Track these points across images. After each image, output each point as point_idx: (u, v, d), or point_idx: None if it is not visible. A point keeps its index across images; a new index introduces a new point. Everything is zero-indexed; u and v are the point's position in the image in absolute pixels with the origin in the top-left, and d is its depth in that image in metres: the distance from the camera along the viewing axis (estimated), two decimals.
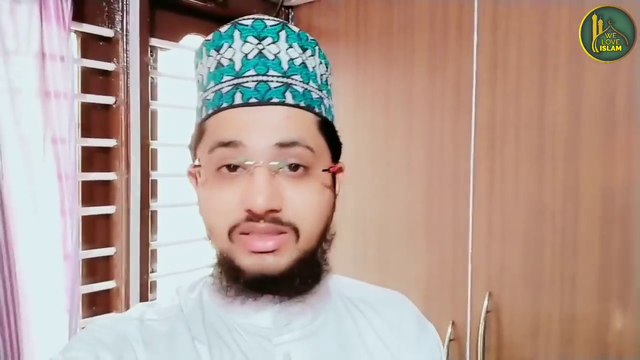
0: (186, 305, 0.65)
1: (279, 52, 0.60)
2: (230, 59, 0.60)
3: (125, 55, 1.36)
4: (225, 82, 0.59)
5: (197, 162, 0.61)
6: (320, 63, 0.64)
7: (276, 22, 0.61)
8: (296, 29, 0.62)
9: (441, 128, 1.42)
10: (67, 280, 1.21)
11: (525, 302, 1.27)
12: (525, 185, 1.27)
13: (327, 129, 0.63)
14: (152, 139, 1.45)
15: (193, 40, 1.62)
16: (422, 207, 1.46)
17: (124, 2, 1.36)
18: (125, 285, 1.38)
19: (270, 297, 0.61)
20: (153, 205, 1.46)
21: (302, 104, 0.59)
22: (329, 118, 0.64)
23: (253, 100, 0.58)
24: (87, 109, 1.36)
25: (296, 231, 0.58)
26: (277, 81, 0.59)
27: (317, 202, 0.59)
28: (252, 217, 0.56)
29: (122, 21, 1.36)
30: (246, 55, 0.59)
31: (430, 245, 1.45)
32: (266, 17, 0.61)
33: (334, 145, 0.64)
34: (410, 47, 1.48)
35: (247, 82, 0.58)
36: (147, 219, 1.42)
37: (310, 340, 0.64)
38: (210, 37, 0.62)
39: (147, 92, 1.41)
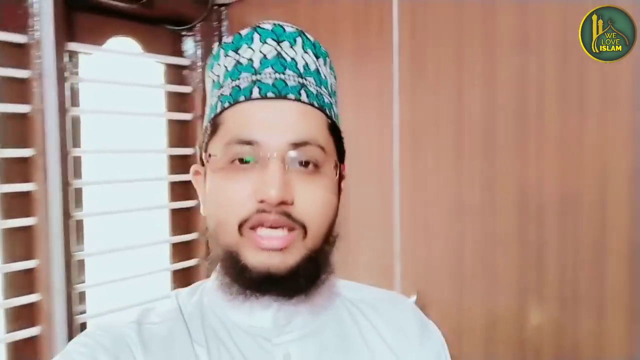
0: (185, 308, 0.65)
1: (295, 56, 0.62)
2: (250, 59, 0.62)
3: (39, 61, 1.32)
4: (243, 78, 0.61)
5: (210, 153, 0.62)
6: (331, 74, 0.67)
7: (294, 29, 0.64)
8: (312, 38, 0.65)
9: (366, 128, 1.40)
10: None
11: (451, 299, 1.27)
12: (446, 182, 1.27)
13: (335, 132, 0.64)
14: (74, 147, 1.42)
15: (118, 43, 1.58)
16: (348, 204, 1.45)
17: (36, 7, 1.32)
18: (49, 297, 1.34)
19: (271, 297, 0.61)
20: (77, 215, 1.43)
21: (315, 103, 0.61)
22: (337, 124, 0.66)
23: (270, 94, 0.59)
24: (2, 118, 1.32)
25: (304, 228, 0.59)
26: (293, 80, 0.61)
27: (326, 200, 0.61)
28: (265, 208, 0.57)
29: (35, 27, 1.32)
30: (265, 55, 0.61)
31: (357, 246, 1.43)
32: (285, 23, 0.64)
33: (341, 150, 0.66)
34: (335, 46, 1.45)
35: (265, 78, 0.60)
36: (70, 229, 1.39)
37: (310, 341, 0.64)
38: (229, 39, 0.65)
39: (65, 98, 1.37)
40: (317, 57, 0.64)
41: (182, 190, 1.69)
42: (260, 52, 0.61)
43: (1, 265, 1.30)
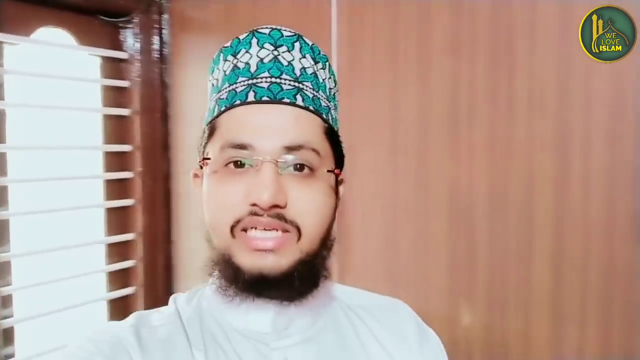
0: (184, 312, 0.66)
1: (292, 60, 0.63)
2: (247, 63, 0.63)
3: None
4: (240, 82, 0.62)
5: (206, 156, 0.63)
6: (330, 78, 0.67)
7: (292, 34, 0.65)
8: (310, 42, 0.66)
9: None
10: None
11: None
12: (381, 184, 1.28)
13: (332, 137, 0.65)
14: None
15: (48, 34, 1.50)
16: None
17: None
18: None
19: (269, 301, 0.62)
20: (2, 214, 1.35)
21: (311, 107, 0.61)
22: (335, 128, 0.66)
23: (265, 98, 0.60)
24: None
25: (298, 230, 0.59)
26: (289, 84, 0.61)
27: (320, 203, 0.61)
28: (257, 211, 0.57)
29: None
30: (262, 59, 0.62)
31: None
32: (283, 27, 0.65)
33: (338, 155, 0.66)
34: None
35: (260, 82, 0.61)
36: None
37: (308, 346, 0.64)
38: (228, 43, 0.66)
39: None
40: (315, 62, 0.64)
41: (118, 188, 1.63)
42: (258, 56, 0.62)
43: None
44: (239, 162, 0.59)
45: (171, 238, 1.66)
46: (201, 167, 0.65)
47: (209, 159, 0.62)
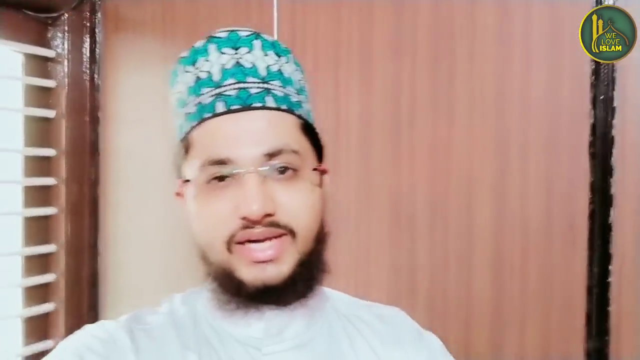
0: (179, 313, 0.65)
1: (255, 60, 0.61)
2: (208, 72, 0.61)
3: None
4: (205, 93, 0.60)
5: (186, 178, 0.62)
6: (296, 70, 0.66)
7: (250, 32, 0.63)
8: (270, 38, 0.64)
9: None
10: None
11: None
12: None
13: (309, 131, 0.64)
14: None
15: None
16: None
17: None
18: None
19: (263, 306, 0.61)
20: None
21: (283, 107, 0.61)
22: (310, 121, 0.66)
23: (235, 107, 0.59)
24: None
25: (293, 233, 0.59)
26: (257, 87, 0.60)
27: (309, 202, 0.60)
28: (248, 224, 0.57)
29: None
30: (223, 65, 0.61)
31: None
32: (240, 28, 0.63)
33: (317, 147, 0.66)
34: None
35: (227, 90, 0.60)
36: None
37: (301, 352, 0.63)
38: (185, 53, 0.64)
39: None
40: (278, 57, 0.63)
41: (40, 195, 1.51)
42: (219, 63, 0.61)
43: None
44: (221, 177, 0.58)
45: (98, 250, 1.55)
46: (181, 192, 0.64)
47: (188, 180, 0.61)
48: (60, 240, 1.51)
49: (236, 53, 0.61)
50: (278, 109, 0.60)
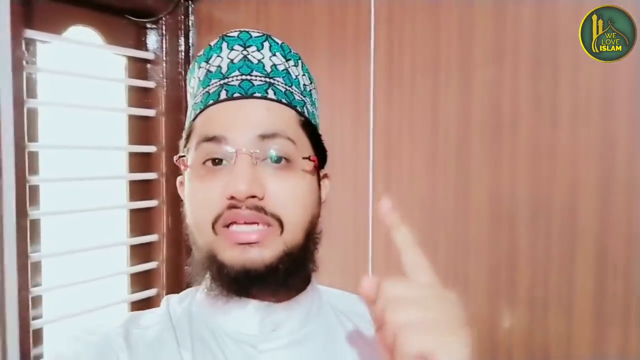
0: (175, 313, 0.65)
1: (262, 58, 0.63)
2: (218, 66, 0.63)
3: None
4: (212, 84, 0.63)
5: (183, 154, 0.63)
6: (304, 75, 0.67)
7: (260, 34, 0.65)
8: (279, 40, 0.66)
9: (341, 132, 1.40)
10: None
11: None
12: (419, 189, 1.29)
13: (310, 129, 0.64)
14: (30, 141, 1.32)
15: (80, 32, 1.49)
16: (324, 209, 1.44)
17: None
18: (1, 301, 1.24)
19: (256, 302, 0.61)
20: (34, 214, 1.33)
21: (283, 100, 0.62)
22: (312, 122, 0.66)
23: (237, 95, 0.60)
24: None
25: (280, 223, 0.58)
26: (260, 80, 0.61)
27: (300, 193, 0.60)
28: (235, 204, 0.56)
29: None
30: (232, 60, 0.63)
31: (331, 246, 1.43)
32: (251, 29, 0.65)
33: (319, 150, 0.66)
34: (310, 46, 1.45)
35: (232, 81, 0.62)
36: (25, 229, 1.29)
37: (297, 348, 0.62)
38: (201, 52, 0.66)
39: (21, 88, 1.28)
40: (286, 60, 0.65)
41: (142, 189, 1.62)
42: (228, 58, 0.63)
43: None
44: (216, 160, 0.59)
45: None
46: (182, 173, 0.65)
47: (184, 156, 0.62)
48: (161, 231, 1.62)
49: (245, 50, 0.63)
50: (279, 102, 0.61)
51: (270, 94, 0.61)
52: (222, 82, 0.62)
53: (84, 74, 1.49)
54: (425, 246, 1.29)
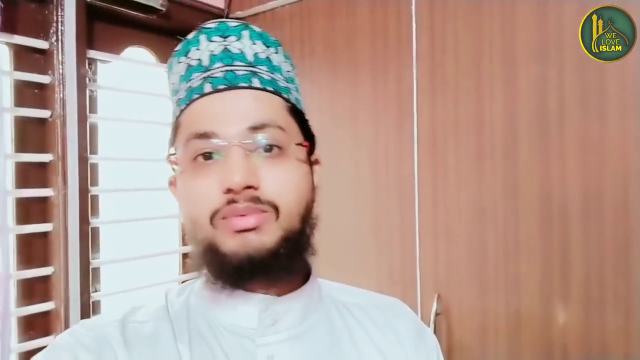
0: (172, 307, 0.64)
1: (243, 47, 0.62)
2: (198, 59, 0.62)
3: (61, 67, 1.32)
4: (194, 78, 0.61)
5: (172, 152, 0.61)
6: (285, 61, 0.66)
7: (239, 23, 0.63)
8: (258, 29, 0.64)
9: (385, 136, 1.44)
10: None
11: (473, 303, 1.29)
12: (466, 189, 1.30)
13: (298, 115, 0.63)
14: (92, 153, 1.41)
15: (134, 53, 1.59)
16: (369, 213, 1.47)
17: (59, 14, 1.32)
18: (65, 306, 1.31)
19: (260, 287, 0.60)
20: (94, 222, 1.41)
21: (269, 88, 0.61)
22: (299, 107, 0.65)
23: (222, 87, 0.59)
24: (22, 123, 1.31)
25: (276, 209, 0.58)
26: (243, 69, 0.60)
27: (294, 180, 0.60)
28: (233, 197, 0.56)
29: (57, 32, 1.32)
30: (212, 52, 0.61)
31: (378, 251, 1.45)
32: (229, 20, 0.63)
33: (307, 134, 0.65)
34: (354, 58, 1.50)
35: (215, 73, 0.60)
36: (87, 237, 1.37)
37: (296, 343, 0.62)
38: (179, 47, 0.64)
39: (85, 104, 1.37)
40: (267, 47, 0.64)
41: None
42: (208, 50, 0.62)
43: (15, 272, 1.27)
44: (207, 154, 0.58)
45: None
46: (173, 170, 0.63)
47: (174, 154, 0.61)
48: None
49: (224, 40, 0.62)
50: (264, 90, 0.61)
51: (256, 83, 0.60)
52: (204, 75, 0.60)
53: (139, 90, 1.57)
54: (475, 246, 1.30)
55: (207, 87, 0.60)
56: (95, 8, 1.41)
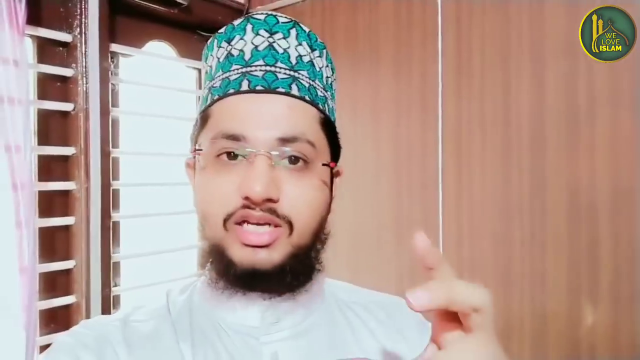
0: (174, 306, 0.64)
1: (288, 47, 0.60)
2: (241, 50, 0.60)
3: (84, 60, 1.32)
4: (233, 70, 0.60)
5: (198, 147, 0.61)
6: (327, 66, 0.65)
7: (288, 20, 0.62)
8: (307, 29, 0.63)
9: (408, 131, 1.42)
10: (24, 295, 1.15)
11: (498, 301, 1.26)
12: (492, 185, 1.28)
13: (329, 127, 0.62)
14: (113, 147, 1.40)
15: (156, 47, 1.59)
16: (392, 209, 1.46)
17: (82, 7, 1.32)
18: (86, 299, 1.31)
19: (259, 294, 0.60)
20: (115, 216, 1.41)
21: (307, 97, 0.60)
22: (332, 118, 0.64)
23: (259, 87, 0.58)
24: (44, 115, 1.31)
25: (290, 225, 0.57)
26: (284, 73, 0.59)
27: (314, 198, 0.59)
28: (249, 204, 0.55)
29: (80, 26, 1.32)
30: (256, 46, 0.60)
31: (401, 247, 1.44)
32: (279, 14, 0.62)
33: (334, 146, 0.64)
34: (376, 52, 1.48)
35: (255, 70, 0.59)
36: (109, 231, 1.37)
37: (300, 340, 0.62)
38: (222, 30, 0.63)
39: (108, 98, 1.36)
40: (312, 49, 0.62)
41: None
42: (252, 43, 0.60)
43: (38, 264, 1.27)
44: (231, 154, 0.57)
45: None
46: (194, 157, 0.63)
47: (201, 149, 0.60)
48: None
49: (271, 37, 0.60)
50: (302, 99, 0.59)
51: (294, 90, 0.59)
52: (244, 69, 0.59)
53: (161, 85, 1.57)
54: (500, 243, 1.28)
55: (245, 85, 0.58)
56: (117, 1, 1.41)
